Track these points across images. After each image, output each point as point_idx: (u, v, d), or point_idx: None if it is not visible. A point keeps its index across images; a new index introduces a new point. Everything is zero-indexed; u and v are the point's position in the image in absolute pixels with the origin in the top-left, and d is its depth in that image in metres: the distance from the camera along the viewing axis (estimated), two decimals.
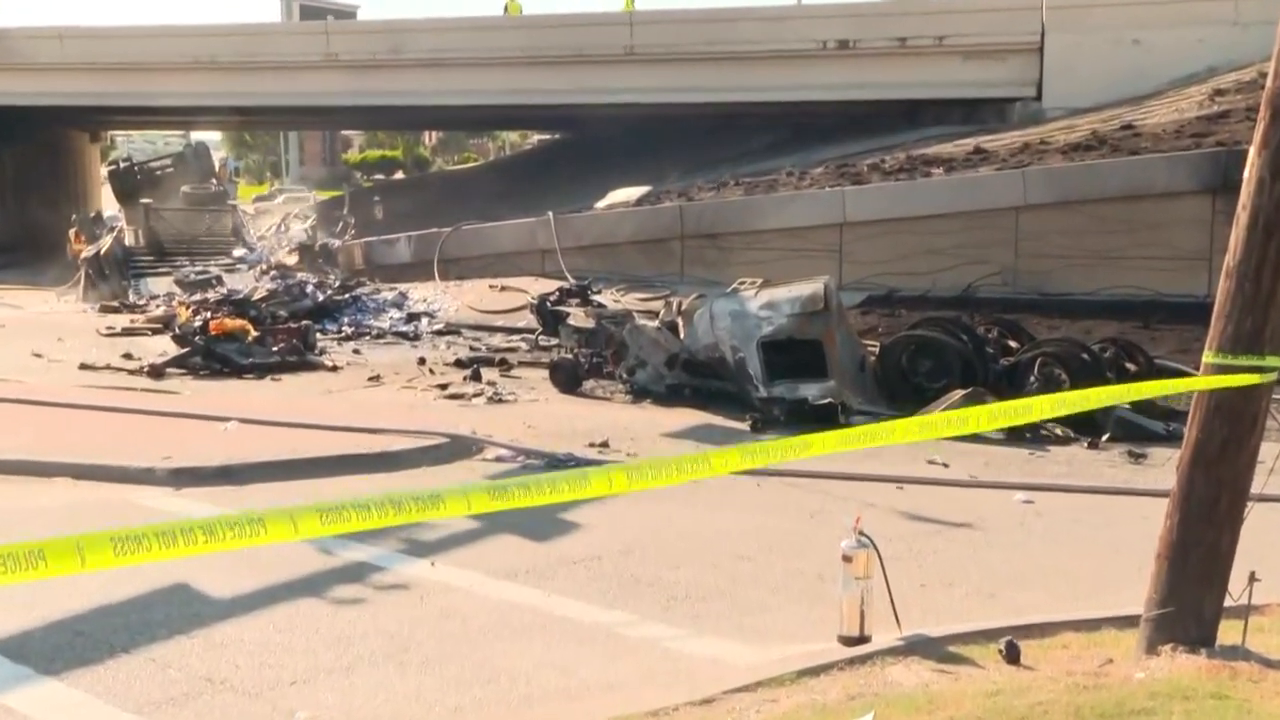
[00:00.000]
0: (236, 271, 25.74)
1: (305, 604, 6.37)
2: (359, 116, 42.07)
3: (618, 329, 14.10)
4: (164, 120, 48.55)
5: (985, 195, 19.64)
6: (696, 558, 7.31)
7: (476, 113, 38.28)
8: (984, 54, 28.19)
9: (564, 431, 11.29)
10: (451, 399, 13.49)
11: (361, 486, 8.99)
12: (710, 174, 28.22)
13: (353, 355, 17.25)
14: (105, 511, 8.11)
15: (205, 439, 10.29)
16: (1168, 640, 4.89)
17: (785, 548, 7.58)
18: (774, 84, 29.74)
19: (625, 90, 30.81)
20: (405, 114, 39.52)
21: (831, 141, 29.27)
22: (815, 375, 12.40)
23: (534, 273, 22.58)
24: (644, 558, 7.29)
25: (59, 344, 17.59)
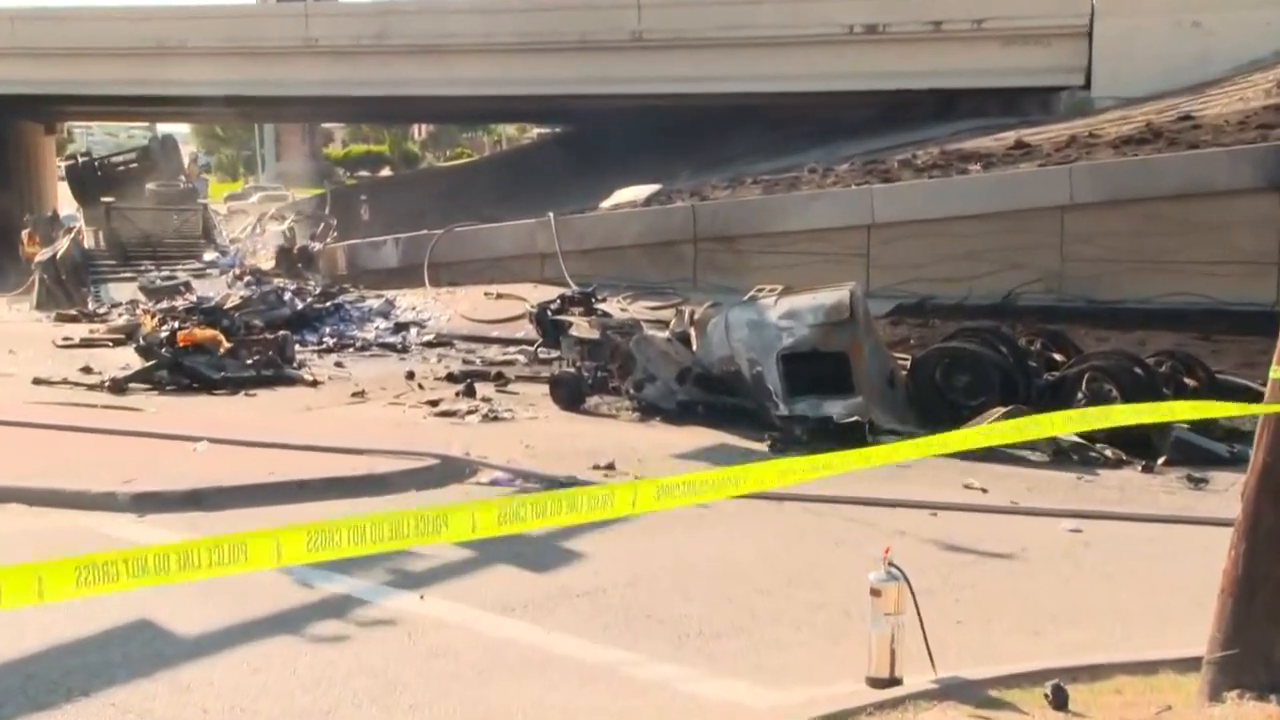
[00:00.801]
0: (207, 277, 25.84)
1: (281, 641, 6.37)
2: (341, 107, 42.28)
3: (624, 340, 14.11)
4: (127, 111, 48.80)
5: (1027, 194, 19.65)
6: (710, 590, 7.31)
7: (471, 104, 38.40)
8: (1027, 39, 28.25)
9: (565, 452, 11.29)
10: (443, 417, 13.50)
11: (345, 512, 8.97)
12: (725, 171, 28.29)
13: (335, 369, 17.28)
14: (62, 540, 8.12)
15: (172, 461, 10.31)
16: (1233, 685, 4.87)
17: (807, 579, 7.57)
18: (795, 73, 29.82)
19: (632, 80, 30.91)
20: (392, 105, 39.63)
21: (858, 136, 29.34)
22: (840, 391, 12.39)
23: (533, 279, 22.62)
24: (653, 590, 7.29)
25: (10, 356, 17.66)
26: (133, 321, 20.38)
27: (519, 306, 20.25)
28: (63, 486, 9.37)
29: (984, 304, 18.33)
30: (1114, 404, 11.96)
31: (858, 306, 12.73)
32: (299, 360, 17.25)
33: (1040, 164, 21.09)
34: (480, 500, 4.03)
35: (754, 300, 13.47)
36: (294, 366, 16.72)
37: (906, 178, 22.10)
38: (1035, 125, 25.73)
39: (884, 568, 5.47)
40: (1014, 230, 19.27)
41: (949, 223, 19.74)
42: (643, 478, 10.30)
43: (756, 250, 21.02)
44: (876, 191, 21.01)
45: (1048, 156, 21.64)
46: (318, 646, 6.32)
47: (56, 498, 9.22)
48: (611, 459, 10.84)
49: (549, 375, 15.31)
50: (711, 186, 25.42)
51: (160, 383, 15.34)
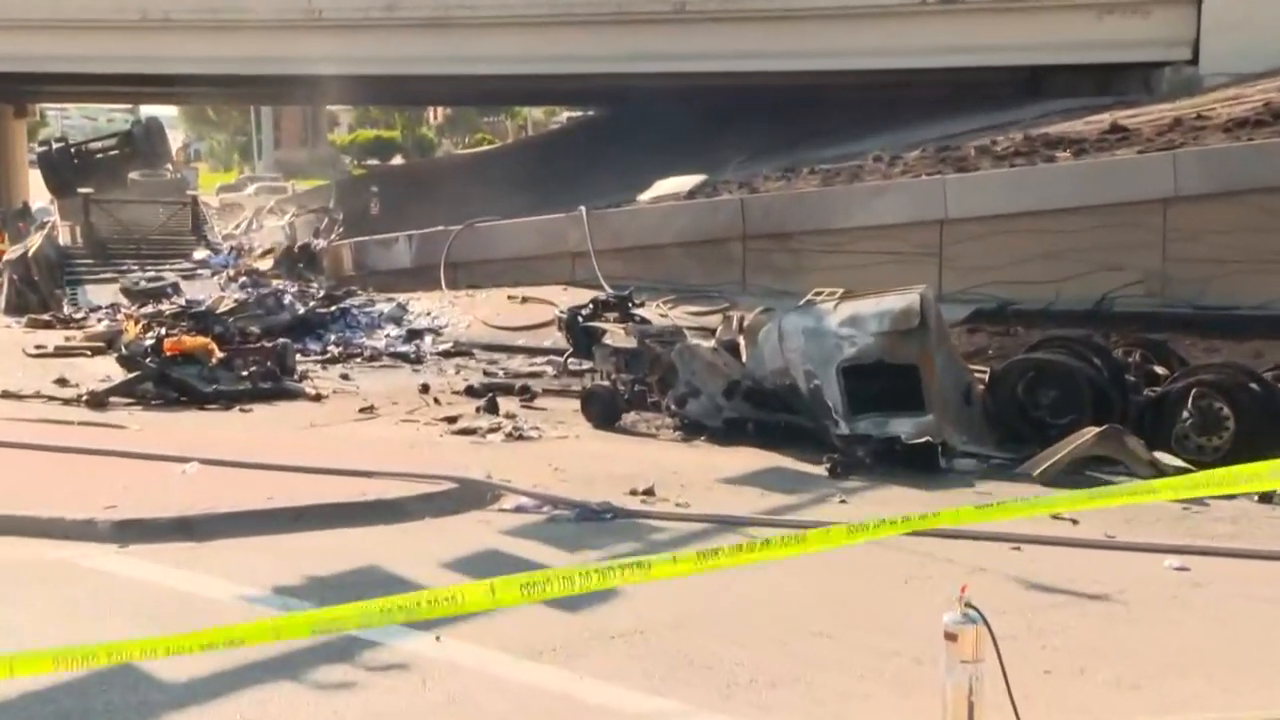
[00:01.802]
0: (197, 278, 26.06)
1: (280, 689, 6.40)
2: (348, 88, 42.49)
3: (665, 350, 14.12)
4: (107, 91, 49.26)
5: (1124, 184, 19.53)
6: (763, 633, 7.29)
7: (492, 84, 38.54)
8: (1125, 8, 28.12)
9: (599, 476, 11.30)
10: (461, 435, 13.56)
11: (351, 543, 9.04)
12: (779, 159, 28.29)
13: (340, 381, 17.39)
14: (33, 574, 8.19)
15: (158, 484, 10.39)
16: None
17: (873, 622, 7.54)
18: (859, 48, 29.80)
19: (675, 57, 30.96)
20: (405, 85, 39.90)
21: (931, 119, 29.26)
22: (909, 408, 12.35)
23: (563, 280, 22.68)
24: (698, 632, 7.28)
25: None
26: (113, 328, 20.57)
27: (547, 312, 20.30)
28: (35, 513, 9.44)
29: (1074, 309, 18.22)
30: (1226, 424, 11.88)
31: (929, 312, 12.68)
32: (300, 371, 17.36)
33: (1140, 150, 20.96)
34: (506, 578, 4.04)
35: (811, 305, 13.43)
36: (295, 379, 16.84)
37: (985, 167, 22.00)
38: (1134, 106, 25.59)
39: (960, 609, 5.43)
40: (1109, 226, 19.15)
41: (1034, 217, 19.64)
42: (685, 504, 10.33)
43: (814, 249, 20.98)
44: (951, 182, 20.93)
45: (1148, 142, 21.50)
46: (320, 694, 6.35)
47: (28, 526, 9.30)
48: (651, 483, 10.84)
49: (580, 389, 15.33)
50: (763, 177, 25.41)
51: (144, 396, 15.47)
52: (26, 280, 25.67)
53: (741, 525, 9.68)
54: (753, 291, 20.61)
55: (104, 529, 9.16)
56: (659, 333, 15.13)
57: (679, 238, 22.47)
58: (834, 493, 11.07)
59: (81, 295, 25.61)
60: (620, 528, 9.65)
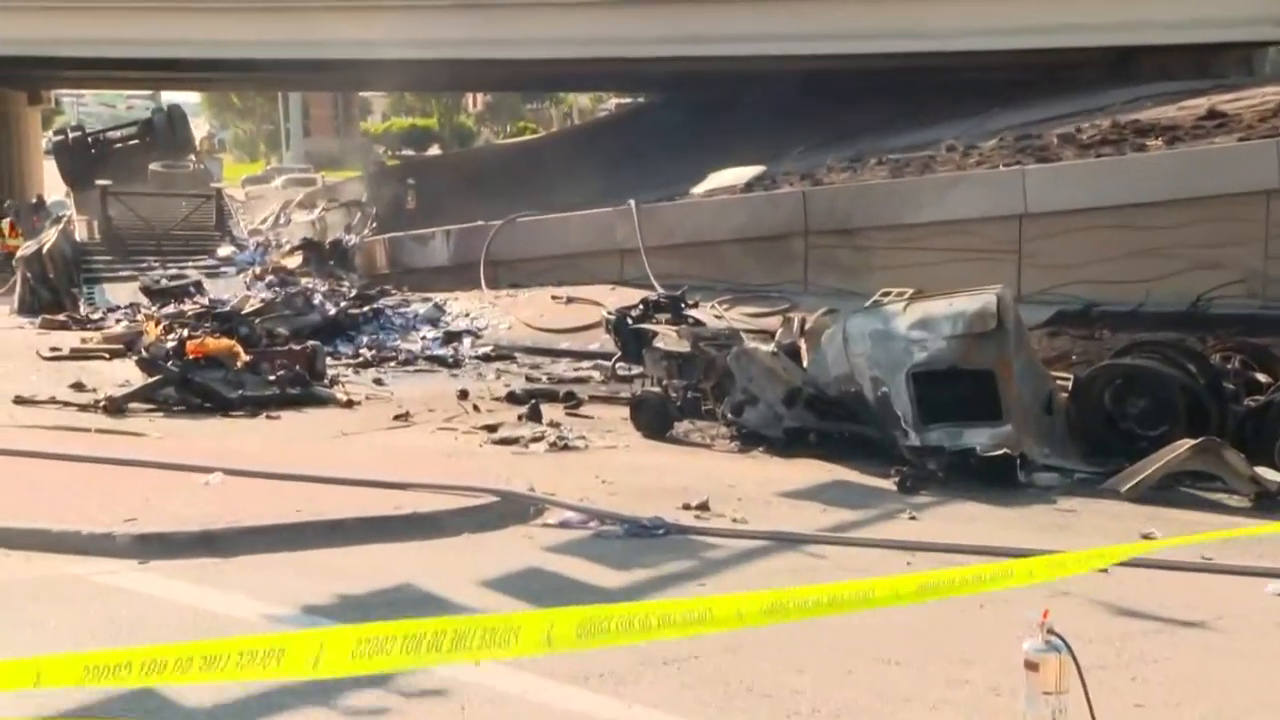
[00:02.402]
0: (221, 276, 26.26)
1: (310, 715, 6.44)
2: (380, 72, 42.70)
3: (720, 354, 14.13)
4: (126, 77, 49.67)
5: (1223, 175, 19.34)
6: (826, 659, 7.27)
7: (536, 69, 38.64)
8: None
9: (649, 489, 11.31)
10: (502, 444, 13.63)
11: (385, 559, 9.09)
12: (844, 149, 28.22)
13: (374, 386, 17.52)
14: (47, 592, 8.25)
15: (180, 495, 10.48)
16: None
17: (946, 648, 7.50)
18: (932, 28, 29.67)
19: (733, 39, 30.93)
20: (441, 70, 40.01)
21: (1010, 104, 29.10)
22: (985, 417, 12.30)
23: (611, 279, 22.73)
24: (757, 657, 7.27)
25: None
26: (133, 329, 20.78)
27: (593, 313, 20.34)
28: (49, 526, 9.52)
29: (1166, 311, 18.05)
30: None
31: (1007, 314, 12.62)
32: (331, 376, 17.51)
33: (1240, 138, 20.76)
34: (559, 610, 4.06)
35: (879, 307, 13.41)
36: (325, 384, 16.97)
37: (1069, 156, 21.86)
38: (1233, 90, 25.34)
39: (1042, 635, 5.40)
40: (1205, 221, 18.97)
41: (1122, 211, 19.49)
42: (742, 520, 10.32)
43: (882, 246, 20.93)
44: (1031, 173, 20.81)
45: (1249, 129, 21.29)
46: None
47: (42, 540, 9.37)
48: (705, 497, 10.84)
49: (629, 396, 15.35)
50: (827, 168, 25.37)
51: (166, 402, 15.63)
52: (41, 278, 25.90)
53: (803, 543, 9.66)
54: (815, 291, 20.58)
55: (123, 543, 9.24)
56: (714, 335, 15.14)
57: (736, 234, 22.45)
58: (903, 509, 11.03)
59: (99, 294, 25.83)
60: (672, 545, 9.65)
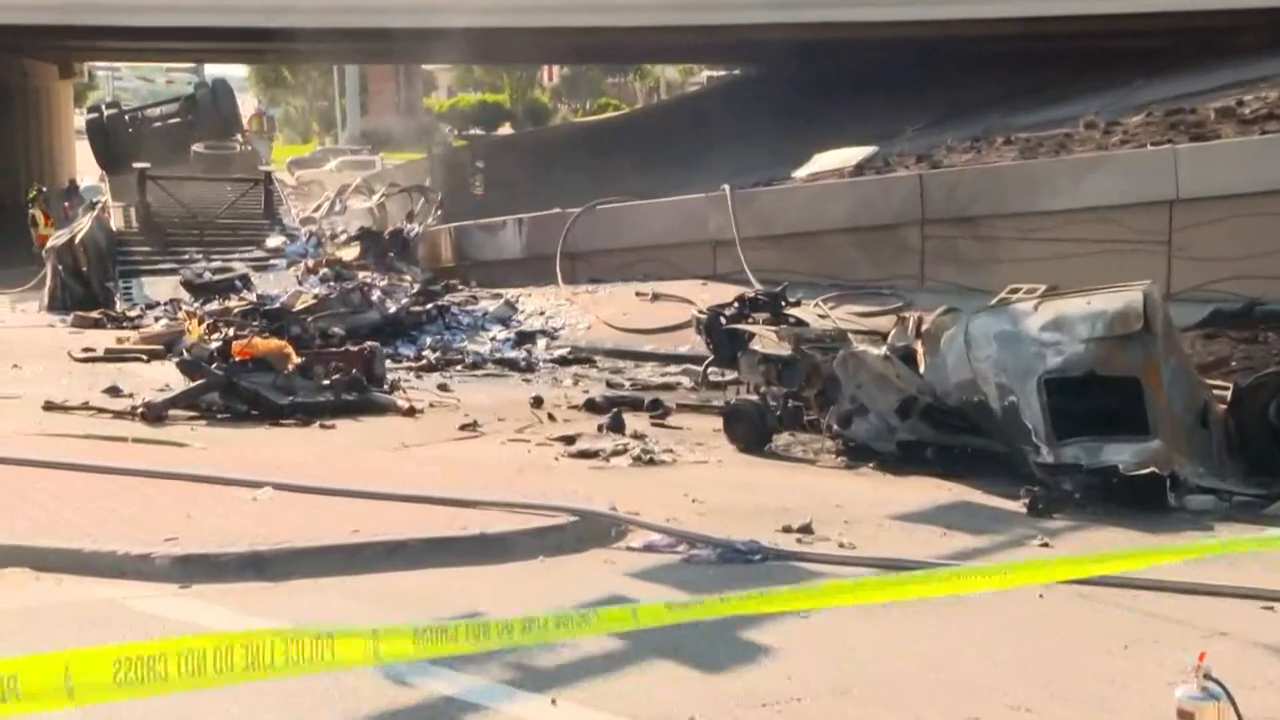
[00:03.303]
0: (271, 269, 26.53)
1: None
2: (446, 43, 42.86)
3: (825, 358, 14.10)
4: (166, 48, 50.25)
5: None
6: (946, 704, 7.21)
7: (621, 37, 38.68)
8: None
9: (745, 509, 11.30)
10: (581, 458, 13.67)
11: (450, 585, 9.12)
12: (967, 126, 28.03)
13: (438, 393, 17.64)
14: (80, 619, 8.32)
15: (226, 513, 10.57)
16: None
17: (1084, 695, 7.42)
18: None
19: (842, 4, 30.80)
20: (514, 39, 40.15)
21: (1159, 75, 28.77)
22: (1129, 431, 12.20)
23: (702, 274, 22.73)
24: (869, 701, 7.23)
25: (14, 373, 18.40)
26: (173, 328, 21.02)
27: (682, 311, 20.35)
28: (81, 546, 9.61)
29: None
30: None
31: (1154, 314, 12.49)
32: (391, 381, 17.64)
33: None
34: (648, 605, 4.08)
35: (1006, 305, 13.33)
36: (384, 389, 17.08)
37: (1228, 134, 21.57)
38: None
39: (1198, 681, 5.33)
40: None
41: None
42: (850, 545, 10.26)
43: (1009, 236, 20.77)
44: (1183, 153, 20.56)
45: None
46: None
47: (74, 561, 9.45)
48: (808, 519, 10.80)
49: (723, 405, 15.34)
50: (947, 149, 25.20)
51: (209, 409, 15.80)
52: (73, 271, 26.23)
53: (919, 571, 9.59)
54: (932, 288, 20.47)
55: (162, 565, 9.31)
56: (818, 337, 15.09)
57: (843, 222, 22.38)
58: (1033, 534, 10.93)
59: (136, 289, 26.14)
60: (771, 572, 9.61)
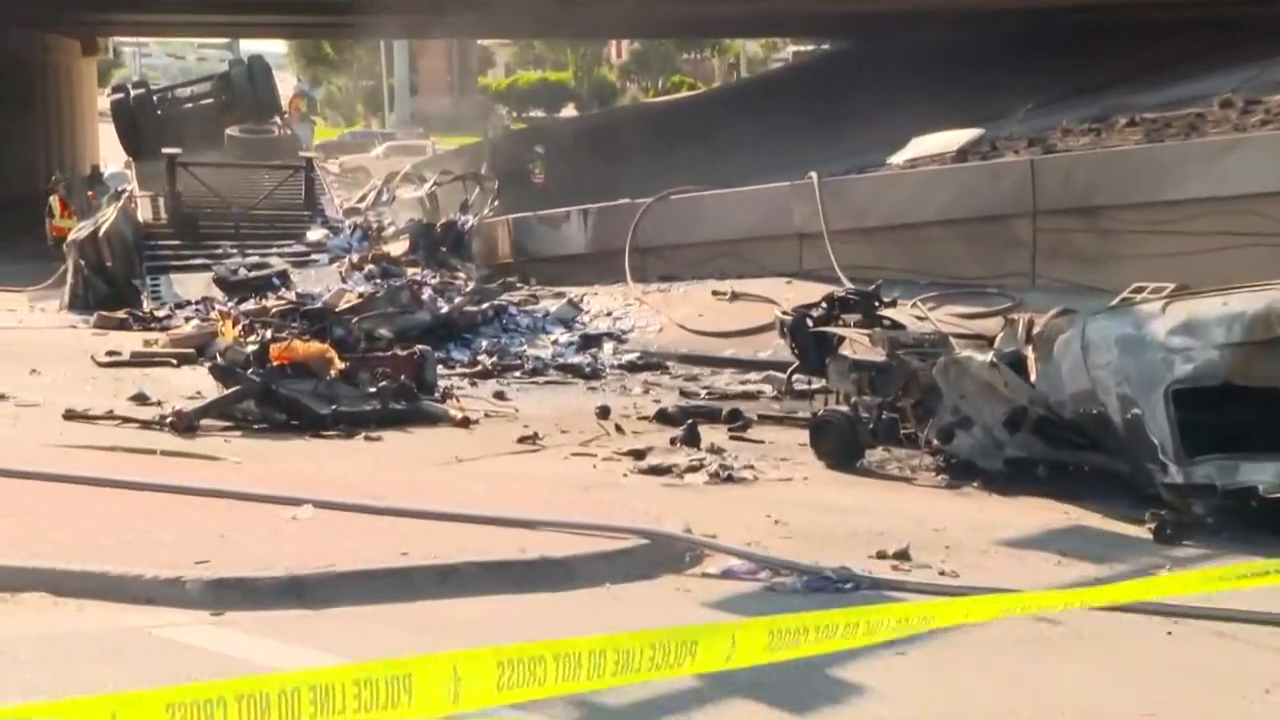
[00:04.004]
0: (312, 265, 26.64)
1: None
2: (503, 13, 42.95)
3: (924, 365, 14.04)
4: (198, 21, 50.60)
5: None
6: None
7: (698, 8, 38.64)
8: None
9: (834, 532, 11.28)
10: (652, 474, 13.68)
11: (508, 614, 9.13)
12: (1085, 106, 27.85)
13: (494, 401, 17.74)
14: (104, 649, 8.36)
15: (262, 534, 10.62)
16: None
17: None
18: None
19: None
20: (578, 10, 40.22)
21: None
22: (1270, 448, 12.08)
23: (786, 271, 22.69)
24: None
25: (33, 378, 18.52)
26: (205, 329, 21.17)
27: (764, 313, 20.30)
28: (105, 569, 9.65)
29: None
30: None
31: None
32: (443, 388, 17.71)
33: None
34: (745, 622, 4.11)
35: (1129, 306, 13.24)
36: (436, 397, 17.15)
37: None
38: None
39: None
40: None
41: None
42: (952, 573, 10.21)
43: (1133, 229, 20.59)
44: None
45: None
46: None
47: (96, 585, 9.50)
48: (905, 543, 10.76)
49: (810, 416, 15.29)
50: (1062, 131, 25.01)
51: (245, 419, 15.92)
52: (96, 267, 26.41)
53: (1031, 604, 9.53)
54: (1045, 286, 20.32)
55: (193, 591, 9.37)
56: (916, 341, 15.01)
57: (944, 213, 22.26)
58: (1161, 563, 10.84)
59: (165, 287, 26.27)
60: (863, 602, 9.56)
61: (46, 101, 47.00)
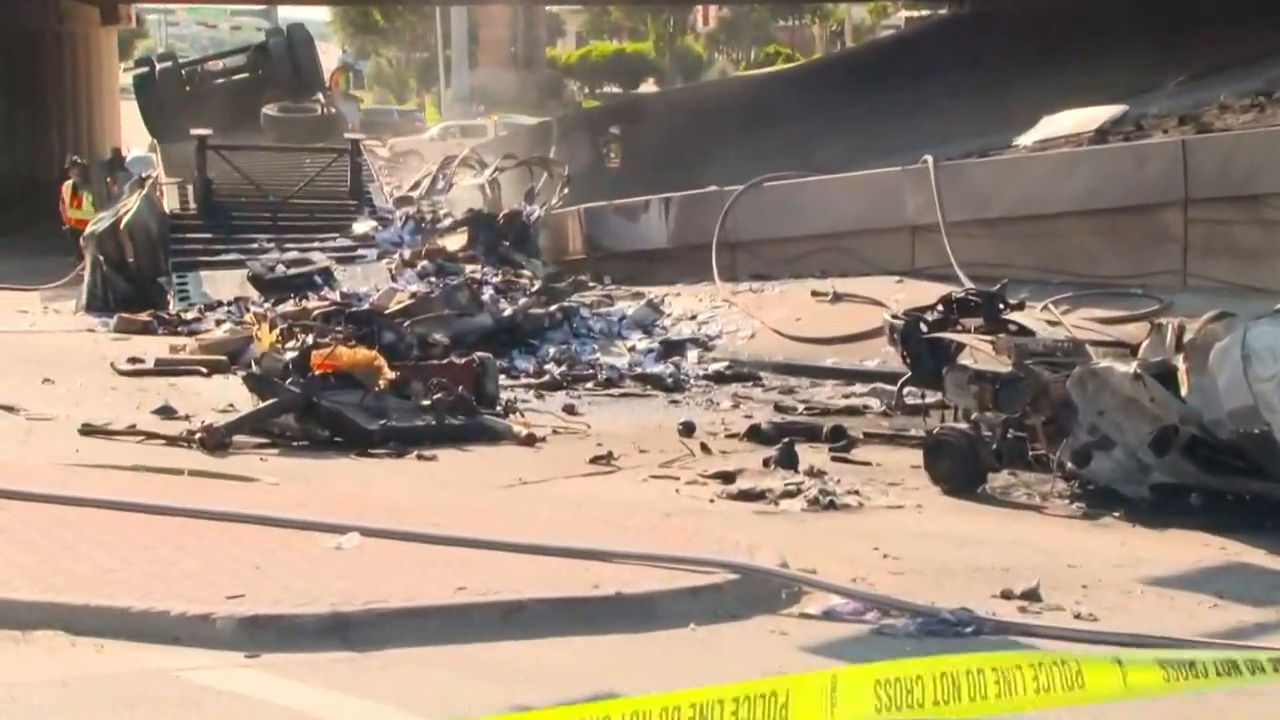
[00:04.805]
0: (358, 261, 26.74)
1: None
2: None
3: (1057, 377, 13.97)
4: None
5: None
6: None
7: None
8: None
9: (952, 568, 11.24)
10: (743, 500, 13.67)
11: (580, 659, 9.11)
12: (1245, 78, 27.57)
13: (563, 416, 17.76)
14: (126, 696, 8.38)
15: (302, 565, 10.65)
16: None
17: None
18: None
19: None
20: None
21: None
22: None
23: (897, 269, 22.65)
24: None
25: (46, 389, 18.67)
26: (239, 334, 21.28)
27: (871, 316, 20.22)
28: (127, 604, 9.69)
29: None
30: None
31: None
32: (505, 401, 17.78)
33: None
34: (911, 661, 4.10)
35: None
36: (497, 411, 17.22)
37: None
38: None
39: None
40: None
41: None
42: (1090, 616, 10.12)
43: None
44: None
45: None
46: None
47: (118, 623, 9.53)
48: (1034, 582, 10.65)
49: (923, 435, 15.25)
50: (1219, 107, 24.82)
51: (283, 434, 16.02)
52: (117, 264, 26.55)
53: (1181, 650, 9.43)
54: (1199, 286, 20.19)
55: (225, 630, 9.40)
56: (1047, 350, 14.92)
57: (1080, 203, 22.14)
58: None
59: (193, 285, 26.41)
60: (986, 649, 9.50)
61: (62, 76, 47.26)
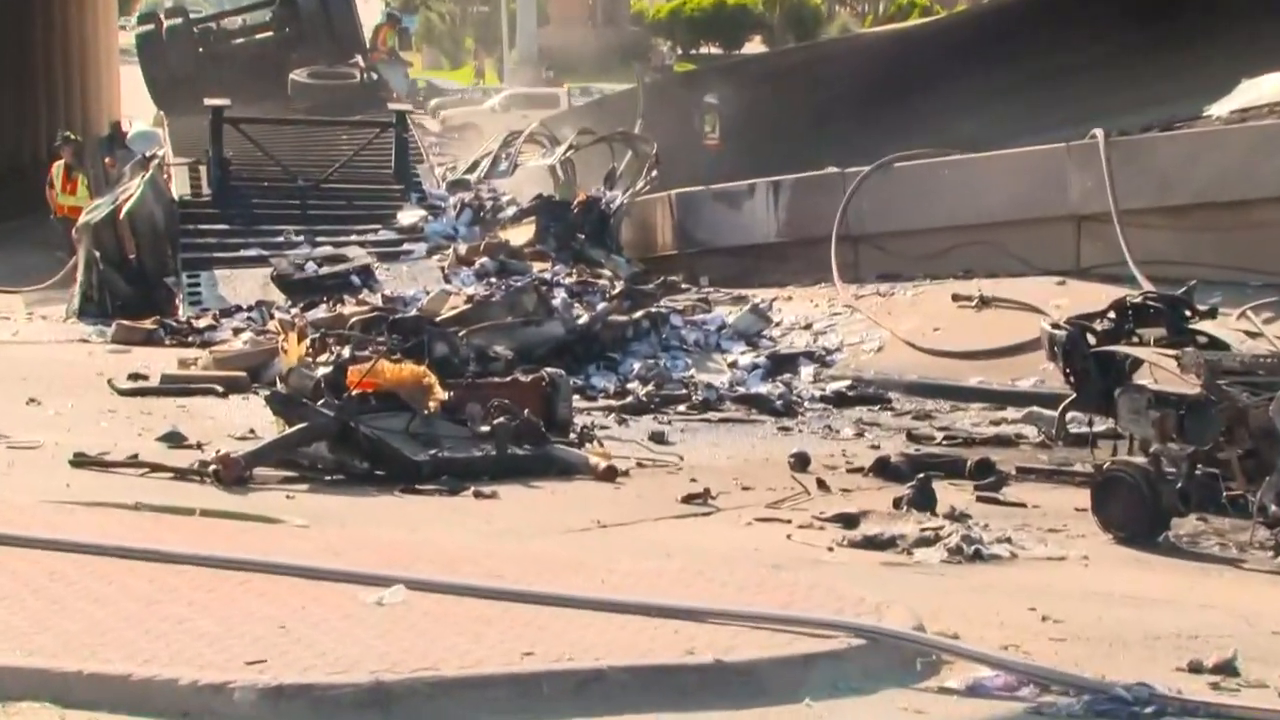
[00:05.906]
0: (404, 258, 26.82)
1: None
2: None
3: (1257, 401, 13.88)
4: None
5: None
6: None
7: None
8: None
9: (1126, 634, 11.18)
10: (868, 549, 13.65)
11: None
12: None
13: (650, 445, 17.80)
14: None
15: (337, 624, 10.69)
16: None
17: None
18: None
19: None
20: None
21: None
22: None
23: (1058, 268, 22.64)
24: None
25: (30, 411, 18.85)
26: (261, 345, 21.38)
27: (1024, 326, 20.18)
28: (128, 671, 9.75)
29: None
30: None
31: None
32: (580, 426, 17.80)
33: None
34: None
35: None
36: (571, 439, 17.23)
37: None
38: None
39: None
40: None
41: None
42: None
43: None
44: None
45: None
46: None
47: (116, 693, 9.57)
48: (1230, 651, 10.57)
49: (1090, 470, 15.16)
50: None
51: (315, 467, 16.08)
52: (116, 261, 26.71)
53: None
54: None
55: (244, 701, 9.41)
56: (1245, 367, 14.85)
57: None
58: None
59: (207, 286, 26.57)
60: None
61: (50, 37, 47.44)
